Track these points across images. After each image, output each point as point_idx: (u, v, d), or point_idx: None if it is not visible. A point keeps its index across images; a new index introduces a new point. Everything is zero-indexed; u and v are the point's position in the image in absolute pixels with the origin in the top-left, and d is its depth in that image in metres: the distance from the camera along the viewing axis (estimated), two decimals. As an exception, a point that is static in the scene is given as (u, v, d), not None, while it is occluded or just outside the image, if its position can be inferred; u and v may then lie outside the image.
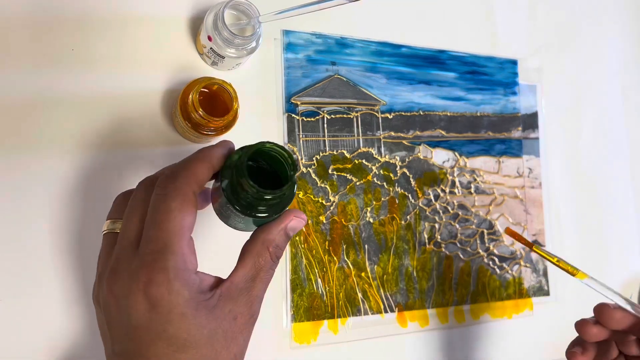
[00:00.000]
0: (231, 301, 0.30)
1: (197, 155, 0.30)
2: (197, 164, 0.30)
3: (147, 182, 0.31)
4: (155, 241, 0.28)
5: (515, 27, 0.64)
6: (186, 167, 0.30)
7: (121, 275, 0.28)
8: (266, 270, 0.31)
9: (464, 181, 0.58)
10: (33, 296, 0.40)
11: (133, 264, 0.28)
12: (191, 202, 0.29)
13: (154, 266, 0.27)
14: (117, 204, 0.33)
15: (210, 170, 0.30)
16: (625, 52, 0.72)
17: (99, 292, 0.30)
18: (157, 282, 0.27)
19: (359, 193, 0.53)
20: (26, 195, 0.41)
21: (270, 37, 0.50)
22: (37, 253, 0.41)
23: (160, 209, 0.28)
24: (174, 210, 0.28)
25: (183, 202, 0.28)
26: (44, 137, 0.42)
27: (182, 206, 0.28)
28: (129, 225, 0.30)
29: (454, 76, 0.59)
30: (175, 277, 0.27)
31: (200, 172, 0.30)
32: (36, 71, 0.42)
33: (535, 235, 0.62)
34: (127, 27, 0.45)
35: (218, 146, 0.31)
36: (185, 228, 0.28)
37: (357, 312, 0.51)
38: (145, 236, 0.28)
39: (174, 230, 0.28)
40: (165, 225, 0.28)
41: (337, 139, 0.52)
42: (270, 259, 0.32)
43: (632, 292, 0.68)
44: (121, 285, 0.28)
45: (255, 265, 0.31)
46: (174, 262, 0.27)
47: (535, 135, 0.64)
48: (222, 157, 0.31)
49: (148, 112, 0.45)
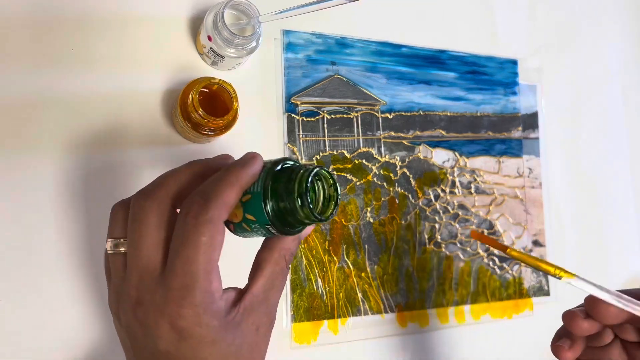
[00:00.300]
0: (253, 313, 0.30)
1: (228, 178, 0.28)
2: (230, 190, 0.28)
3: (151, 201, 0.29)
4: (183, 276, 0.27)
5: (515, 27, 0.64)
6: (217, 193, 0.28)
7: (146, 306, 0.28)
8: (282, 278, 0.31)
9: (464, 181, 0.58)
10: (36, 296, 0.40)
11: (158, 296, 0.27)
12: (221, 234, 0.28)
13: (183, 302, 0.27)
14: (115, 220, 0.31)
15: (240, 195, 0.29)
16: (625, 52, 0.72)
17: (119, 311, 0.29)
18: (186, 317, 0.27)
19: (359, 193, 0.53)
20: (26, 195, 0.41)
21: (270, 37, 0.50)
22: (37, 253, 0.41)
23: (190, 243, 0.27)
24: (204, 244, 0.27)
25: (213, 235, 0.27)
26: (44, 137, 0.42)
27: (213, 240, 0.27)
28: (142, 252, 0.28)
29: (454, 76, 0.59)
30: (204, 311, 0.27)
31: (232, 199, 0.28)
32: (36, 71, 0.42)
33: (535, 235, 0.62)
34: (127, 27, 0.45)
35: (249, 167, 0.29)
36: (215, 260, 0.28)
37: (357, 312, 0.51)
38: (172, 267, 0.27)
39: (204, 265, 0.27)
40: (194, 259, 0.27)
41: (337, 139, 0.52)
42: (285, 267, 0.32)
43: (632, 292, 0.68)
44: (147, 316, 0.28)
45: (272, 274, 0.31)
46: (202, 297, 0.27)
47: (535, 135, 0.64)
48: (253, 179, 0.29)
49: (148, 112, 0.45)
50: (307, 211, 0.28)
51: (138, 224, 0.29)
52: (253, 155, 0.30)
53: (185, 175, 0.30)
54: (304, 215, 0.29)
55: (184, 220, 0.27)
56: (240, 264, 0.33)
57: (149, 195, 0.29)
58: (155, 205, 0.29)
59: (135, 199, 0.29)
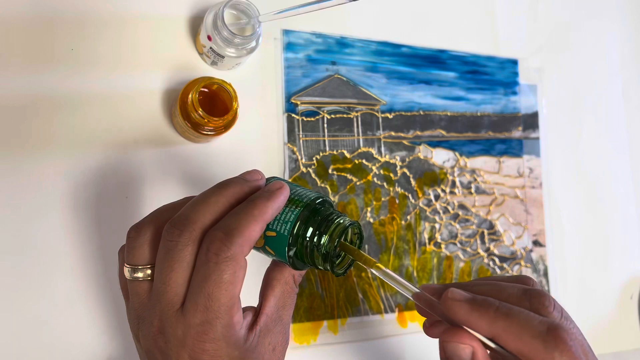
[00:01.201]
0: (269, 334, 0.30)
1: (252, 211, 0.28)
2: (254, 225, 0.28)
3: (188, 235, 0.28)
4: (205, 312, 0.27)
5: (515, 27, 0.64)
6: (241, 230, 0.27)
7: (168, 337, 0.28)
8: (292, 297, 0.32)
9: (464, 181, 0.58)
10: (38, 296, 0.40)
11: (179, 330, 0.27)
12: (243, 269, 0.28)
13: (204, 337, 0.27)
14: (133, 247, 0.30)
15: (264, 229, 0.29)
16: (625, 52, 0.72)
17: (140, 334, 0.30)
18: (207, 351, 0.27)
19: (359, 193, 0.53)
20: (25, 195, 0.41)
21: (270, 36, 0.50)
22: (36, 253, 0.41)
23: (211, 280, 0.27)
24: (226, 282, 0.27)
25: (236, 272, 0.27)
26: (44, 136, 0.42)
27: (235, 277, 0.27)
28: (171, 287, 0.28)
29: (455, 76, 0.59)
30: (226, 344, 0.27)
31: (255, 234, 0.28)
32: (36, 71, 0.42)
33: (535, 236, 0.62)
34: (126, 27, 0.45)
35: (274, 200, 0.29)
36: (237, 295, 0.28)
37: (357, 312, 0.51)
38: (193, 303, 0.27)
39: (225, 302, 0.27)
40: (216, 296, 0.27)
41: (337, 139, 0.52)
42: (295, 286, 0.32)
43: (633, 292, 0.68)
44: (168, 346, 0.28)
45: (283, 293, 0.31)
46: (224, 332, 0.27)
47: (535, 135, 0.64)
48: (278, 212, 0.29)
49: (148, 112, 0.45)
50: (328, 266, 0.30)
51: (170, 260, 0.28)
52: (280, 187, 0.29)
53: (218, 205, 0.29)
54: (323, 267, 0.30)
55: (206, 256, 0.27)
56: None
57: (183, 231, 0.28)
58: (190, 243, 0.28)
59: (169, 232, 0.28)
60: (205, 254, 0.27)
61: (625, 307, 0.67)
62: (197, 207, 0.29)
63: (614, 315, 0.66)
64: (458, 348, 0.28)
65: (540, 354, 0.26)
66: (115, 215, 0.43)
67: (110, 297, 0.42)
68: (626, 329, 0.67)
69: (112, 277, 0.42)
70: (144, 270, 0.29)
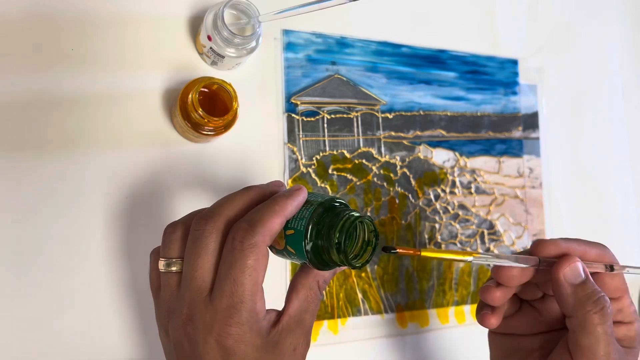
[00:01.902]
0: (291, 334, 0.32)
1: (273, 207, 0.31)
2: (275, 219, 0.30)
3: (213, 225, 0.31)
4: (231, 296, 0.29)
5: (515, 26, 0.64)
6: (263, 221, 0.30)
7: (196, 324, 0.30)
8: (316, 302, 0.34)
9: (464, 181, 0.58)
10: (35, 297, 0.40)
11: (207, 315, 0.29)
12: (266, 258, 0.30)
13: (230, 321, 0.29)
14: (170, 240, 0.33)
15: (284, 223, 0.31)
16: (625, 52, 0.72)
17: (169, 326, 0.31)
18: (232, 335, 0.29)
19: (359, 193, 0.53)
20: (26, 195, 0.41)
21: (270, 36, 0.50)
22: (35, 254, 0.41)
23: (237, 265, 0.29)
24: (250, 267, 0.29)
25: (258, 259, 0.30)
26: (44, 137, 0.42)
27: (258, 263, 0.30)
28: (199, 273, 0.30)
29: (455, 76, 0.59)
30: (249, 330, 0.29)
31: (276, 226, 0.31)
32: (35, 71, 0.42)
33: (535, 235, 0.62)
34: (126, 27, 0.45)
35: (294, 198, 0.32)
36: (260, 282, 0.30)
37: (357, 312, 0.51)
38: (220, 289, 0.29)
39: (250, 287, 0.29)
40: (241, 281, 0.29)
41: (337, 139, 0.52)
42: (319, 292, 0.34)
43: (633, 292, 0.68)
44: (196, 332, 0.30)
45: (307, 298, 0.33)
46: (248, 316, 0.29)
47: (535, 135, 0.64)
48: (297, 210, 0.32)
49: (147, 112, 0.45)
50: (342, 257, 0.30)
51: (197, 247, 0.31)
52: (298, 188, 0.32)
53: (242, 201, 0.32)
54: (339, 260, 0.31)
55: (232, 244, 0.30)
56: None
57: (208, 221, 0.31)
58: (214, 231, 0.31)
59: (196, 223, 0.31)
60: (231, 243, 0.30)
61: (625, 307, 0.67)
62: (222, 202, 0.32)
63: (614, 315, 0.66)
64: (576, 268, 0.36)
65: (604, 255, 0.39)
66: (115, 216, 0.43)
67: (108, 296, 0.42)
68: (626, 329, 0.67)
69: (112, 277, 0.42)
70: (176, 263, 0.32)
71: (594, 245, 0.39)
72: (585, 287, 0.35)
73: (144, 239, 0.43)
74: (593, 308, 0.34)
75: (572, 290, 0.35)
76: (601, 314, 0.34)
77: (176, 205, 0.45)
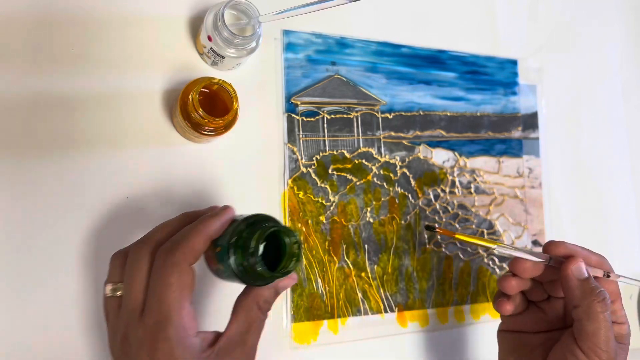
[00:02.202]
0: (229, 355, 0.33)
1: (196, 227, 0.33)
2: (195, 238, 0.32)
3: (145, 249, 0.33)
4: (157, 313, 0.31)
5: (515, 27, 0.64)
6: (184, 241, 0.32)
7: (131, 341, 0.31)
8: (258, 323, 0.35)
9: (464, 181, 0.58)
10: (32, 295, 0.40)
11: (139, 332, 0.31)
12: (189, 275, 0.32)
13: (157, 336, 0.30)
14: (114, 266, 0.35)
15: (208, 242, 0.33)
16: (625, 52, 0.72)
17: (114, 349, 0.33)
18: (161, 350, 0.30)
19: (359, 193, 0.53)
20: (26, 195, 0.41)
21: (270, 37, 0.50)
22: (35, 254, 0.41)
23: (160, 283, 0.31)
24: (172, 284, 0.31)
25: (180, 276, 0.31)
26: (44, 137, 0.42)
27: (180, 280, 0.31)
28: (133, 294, 0.32)
29: (454, 76, 0.59)
30: (177, 344, 0.31)
31: (198, 245, 0.32)
32: (36, 71, 0.42)
33: (535, 235, 0.62)
34: (127, 27, 0.45)
35: (218, 218, 0.34)
36: (184, 299, 0.31)
37: (357, 312, 0.51)
38: (149, 307, 0.31)
39: (174, 303, 0.31)
40: (165, 298, 0.31)
41: (337, 139, 0.52)
42: (260, 313, 0.35)
43: (632, 292, 0.68)
44: (131, 349, 0.31)
45: (247, 319, 0.34)
46: (175, 332, 0.31)
47: (535, 135, 0.64)
48: (222, 228, 0.34)
49: (148, 112, 0.45)
50: (261, 267, 0.32)
51: (131, 270, 0.33)
52: (224, 207, 0.35)
53: (172, 226, 0.35)
54: (262, 270, 0.32)
55: (156, 264, 0.32)
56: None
57: (141, 245, 0.34)
58: (146, 253, 0.33)
59: (132, 248, 0.34)
60: (156, 262, 0.32)
61: (624, 306, 0.67)
62: (156, 228, 0.35)
63: (614, 315, 0.66)
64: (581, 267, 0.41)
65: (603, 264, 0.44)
66: (116, 216, 0.43)
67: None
68: (626, 328, 0.67)
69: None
70: (120, 287, 0.34)
71: (595, 254, 0.45)
72: (589, 282, 0.41)
73: (145, 239, 0.43)
74: (597, 298, 0.39)
75: (579, 284, 0.40)
76: (603, 304, 0.39)
77: (176, 205, 0.45)
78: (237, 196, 0.47)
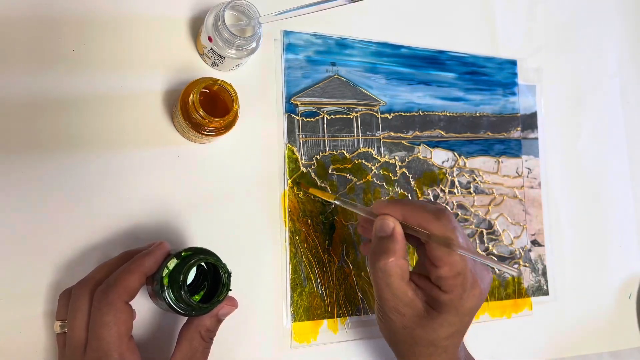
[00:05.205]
0: None
1: (129, 267, 0.35)
2: (129, 277, 0.34)
3: (84, 289, 0.35)
4: (98, 350, 0.33)
5: (514, 27, 0.64)
6: (118, 281, 0.34)
7: None
8: (201, 351, 0.36)
9: (463, 181, 0.59)
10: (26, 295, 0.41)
11: None
12: (124, 312, 0.34)
13: None
14: (61, 305, 0.37)
15: (143, 279, 0.35)
16: (624, 52, 0.73)
17: None
18: None
19: (358, 193, 0.53)
20: (26, 195, 0.41)
21: (271, 37, 0.50)
22: (36, 254, 0.41)
23: (98, 323, 0.33)
24: (109, 323, 0.33)
25: (117, 314, 0.33)
26: (44, 137, 0.42)
27: (117, 318, 0.33)
28: (75, 332, 0.34)
29: (454, 76, 0.59)
30: None
31: (132, 284, 0.34)
32: (37, 71, 0.42)
33: (534, 235, 0.62)
34: (127, 28, 0.45)
35: (151, 255, 0.35)
36: (123, 334, 0.33)
37: (357, 311, 0.51)
38: (90, 345, 0.33)
39: (113, 340, 0.33)
40: (104, 336, 0.33)
41: (337, 139, 0.53)
42: (203, 341, 0.36)
43: (631, 292, 0.68)
44: None
45: (190, 349, 0.36)
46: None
47: (534, 136, 0.64)
48: (156, 265, 0.35)
49: (148, 112, 0.45)
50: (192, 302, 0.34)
51: (73, 309, 0.35)
52: (158, 244, 0.37)
53: (110, 266, 0.36)
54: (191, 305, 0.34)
55: (94, 304, 0.34)
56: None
57: (81, 285, 0.36)
58: (85, 293, 0.35)
59: (74, 288, 0.36)
60: (94, 302, 0.34)
61: (623, 306, 0.67)
62: (97, 268, 0.37)
63: (612, 315, 0.66)
64: (385, 223, 0.40)
65: (432, 221, 0.38)
66: (116, 216, 0.43)
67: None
68: (624, 328, 0.67)
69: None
70: (66, 325, 0.36)
71: (432, 219, 0.39)
72: None
73: (144, 239, 0.44)
74: None
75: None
76: None
77: (177, 205, 0.45)
78: (237, 196, 0.48)
